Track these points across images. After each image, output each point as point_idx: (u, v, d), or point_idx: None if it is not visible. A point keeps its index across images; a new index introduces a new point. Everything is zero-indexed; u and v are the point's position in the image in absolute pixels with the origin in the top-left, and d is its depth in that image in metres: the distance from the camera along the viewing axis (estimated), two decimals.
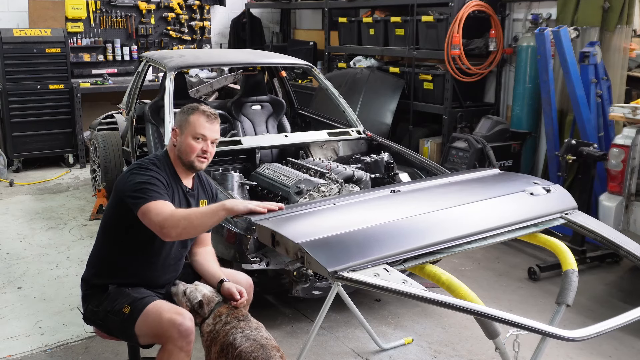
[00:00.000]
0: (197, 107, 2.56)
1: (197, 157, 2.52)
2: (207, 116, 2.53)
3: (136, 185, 2.38)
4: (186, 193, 2.59)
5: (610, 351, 3.37)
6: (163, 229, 2.29)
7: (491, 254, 4.69)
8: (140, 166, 2.48)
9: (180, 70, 4.66)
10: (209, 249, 2.77)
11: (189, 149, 2.51)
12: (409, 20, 6.05)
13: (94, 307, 2.54)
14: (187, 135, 2.51)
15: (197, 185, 2.69)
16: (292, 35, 9.11)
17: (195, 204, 2.62)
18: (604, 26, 4.87)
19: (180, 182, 2.58)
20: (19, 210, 5.70)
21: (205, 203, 2.69)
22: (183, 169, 2.57)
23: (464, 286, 2.12)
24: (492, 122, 5.49)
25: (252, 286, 2.76)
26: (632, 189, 3.92)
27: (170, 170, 2.56)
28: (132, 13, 8.01)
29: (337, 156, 4.51)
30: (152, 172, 2.44)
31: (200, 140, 2.51)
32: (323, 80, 4.94)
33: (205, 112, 2.54)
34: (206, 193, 2.73)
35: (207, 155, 2.54)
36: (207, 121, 2.53)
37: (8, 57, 6.74)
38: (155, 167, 2.50)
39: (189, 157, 2.52)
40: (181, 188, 2.58)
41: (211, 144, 2.55)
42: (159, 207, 2.32)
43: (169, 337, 2.31)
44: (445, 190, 2.97)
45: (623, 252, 2.58)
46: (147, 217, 2.32)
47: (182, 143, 2.53)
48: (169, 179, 2.51)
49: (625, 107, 4.06)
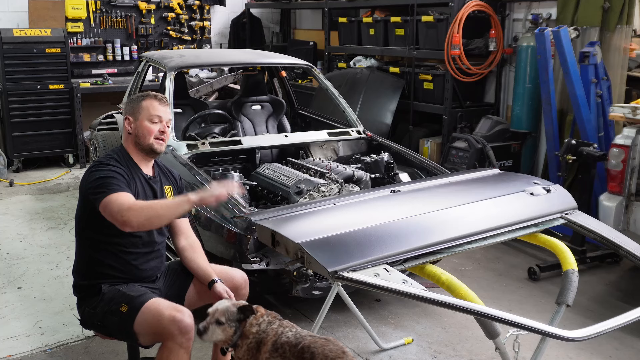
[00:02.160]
0: (147, 93, 2.66)
1: (156, 139, 2.58)
2: (158, 100, 2.61)
3: (96, 181, 2.42)
4: (148, 180, 2.62)
5: (610, 351, 3.37)
6: (123, 218, 2.32)
7: (491, 254, 4.69)
8: (98, 163, 2.52)
9: (180, 70, 4.66)
10: (196, 244, 2.77)
11: (146, 131, 2.57)
12: (409, 20, 6.05)
13: (91, 310, 2.53)
14: (142, 120, 2.57)
15: (158, 172, 2.72)
16: (292, 35, 9.11)
17: (159, 190, 2.65)
18: (604, 26, 4.87)
19: (141, 171, 2.61)
20: (19, 210, 5.70)
21: (170, 189, 2.73)
22: (142, 155, 2.62)
23: (464, 286, 2.12)
24: (492, 122, 5.49)
25: (247, 281, 2.76)
26: (632, 189, 3.92)
27: (129, 161, 2.59)
28: (132, 13, 8.01)
29: (337, 156, 4.51)
30: (111, 167, 2.48)
31: (157, 121, 2.58)
32: (323, 80, 4.94)
33: (156, 95, 2.63)
34: (169, 179, 2.76)
35: (164, 137, 2.60)
36: (160, 104, 2.60)
37: (8, 57, 6.74)
38: (113, 160, 2.53)
39: (147, 139, 2.57)
40: (143, 177, 2.61)
41: (166, 126, 2.61)
42: (119, 198, 2.35)
43: (169, 334, 2.30)
44: (445, 190, 2.98)
45: (623, 252, 2.58)
46: (108, 208, 2.35)
47: (137, 128, 2.58)
48: (129, 170, 2.55)
49: (625, 107, 4.06)
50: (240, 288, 2.72)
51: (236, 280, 2.72)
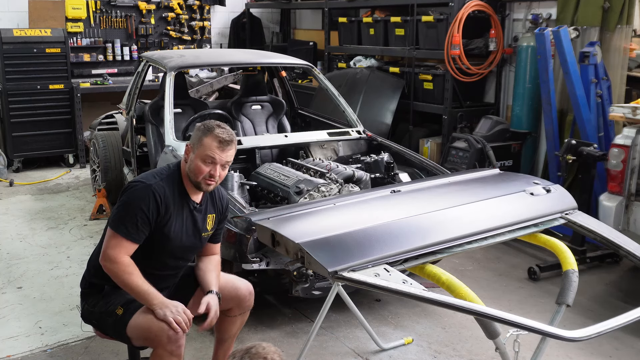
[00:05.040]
0: (213, 129, 2.44)
1: (204, 180, 2.45)
2: (219, 141, 2.42)
3: (121, 208, 2.39)
4: (193, 210, 2.54)
5: (611, 351, 3.37)
6: (105, 263, 2.36)
7: (491, 254, 4.69)
8: (140, 185, 2.42)
9: (180, 70, 4.66)
10: (214, 258, 2.73)
11: (197, 170, 2.44)
12: (409, 20, 6.05)
13: (91, 307, 2.55)
14: (197, 156, 2.44)
15: (207, 199, 2.62)
16: (292, 35, 9.10)
17: (201, 219, 2.58)
18: (604, 26, 4.87)
19: (188, 198, 2.53)
20: (19, 210, 5.70)
21: (213, 218, 2.64)
22: (191, 186, 2.52)
23: (464, 286, 2.12)
24: (492, 122, 5.49)
25: (252, 293, 2.75)
26: (632, 189, 3.92)
27: (178, 185, 2.51)
28: (132, 13, 8.01)
29: (337, 156, 4.51)
30: (145, 198, 2.38)
31: (210, 163, 2.43)
32: (323, 80, 4.94)
33: (219, 136, 2.42)
34: (215, 207, 2.66)
35: (214, 179, 2.47)
36: (219, 147, 2.42)
37: (8, 57, 6.74)
38: (161, 183, 2.44)
39: (196, 178, 2.46)
40: (188, 204, 2.53)
41: (221, 168, 2.46)
42: (119, 244, 2.35)
43: (159, 342, 2.31)
44: (445, 190, 2.98)
45: (623, 252, 2.58)
46: (106, 238, 2.38)
47: (192, 162, 2.46)
48: (173, 194, 2.46)
49: (625, 107, 4.06)
50: (244, 300, 2.72)
51: (241, 292, 2.71)
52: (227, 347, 2.83)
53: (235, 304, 2.71)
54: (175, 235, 2.49)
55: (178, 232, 2.49)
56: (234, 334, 2.83)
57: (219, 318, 2.72)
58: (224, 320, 2.73)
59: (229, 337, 2.82)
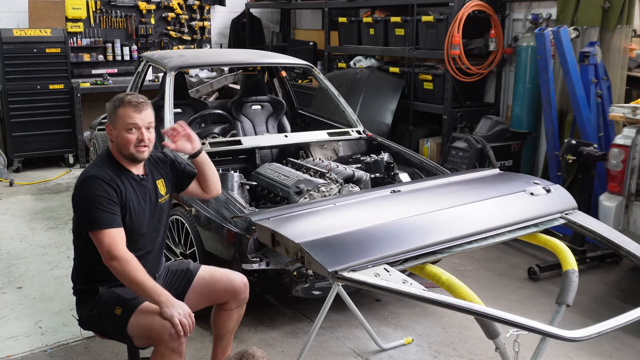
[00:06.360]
0: (123, 99, 2.50)
1: (136, 148, 2.49)
2: (134, 105, 2.47)
3: (85, 210, 2.39)
4: (140, 181, 2.57)
5: (611, 351, 3.37)
6: (108, 262, 2.34)
7: (491, 254, 4.69)
8: (87, 179, 2.45)
9: (180, 70, 4.66)
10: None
11: (125, 141, 2.48)
12: (409, 20, 6.05)
13: (88, 311, 2.54)
14: (119, 129, 2.49)
15: (149, 168, 2.65)
16: (292, 35, 9.10)
17: (151, 188, 2.61)
18: (604, 26, 4.87)
19: (130, 173, 2.55)
20: (19, 210, 5.70)
21: (163, 182, 2.68)
22: (127, 161, 2.55)
23: (464, 286, 2.12)
24: (492, 122, 5.49)
25: (246, 285, 2.75)
26: (632, 189, 3.92)
27: (116, 167, 2.53)
28: (132, 13, 8.01)
29: (337, 156, 4.51)
30: (99, 186, 2.40)
31: (134, 130, 2.48)
32: (323, 80, 4.94)
33: (131, 102, 2.48)
34: (160, 171, 2.70)
35: (145, 143, 2.50)
36: (135, 110, 2.47)
37: (8, 57, 6.74)
38: (101, 171, 2.46)
39: (127, 150, 2.50)
40: (133, 178, 2.55)
41: (146, 130, 2.50)
42: (110, 236, 2.35)
43: (161, 339, 2.30)
44: (445, 190, 2.98)
45: (623, 252, 2.58)
46: (98, 242, 2.36)
47: (117, 138, 2.51)
48: (117, 176, 2.49)
49: (625, 107, 4.06)
50: (239, 292, 2.72)
51: (236, 284, 2.71)
52: (226, 343, 2.83)
53: (232, 297, 2.71)
54: (139, 210, 2.52)
55: (137, 206, 2.51)
56: (231, 329, 2.82)
57: (216, 313, 2.75)
58: (221, 315, 2.74)
59: (227, 332, 2.81)
